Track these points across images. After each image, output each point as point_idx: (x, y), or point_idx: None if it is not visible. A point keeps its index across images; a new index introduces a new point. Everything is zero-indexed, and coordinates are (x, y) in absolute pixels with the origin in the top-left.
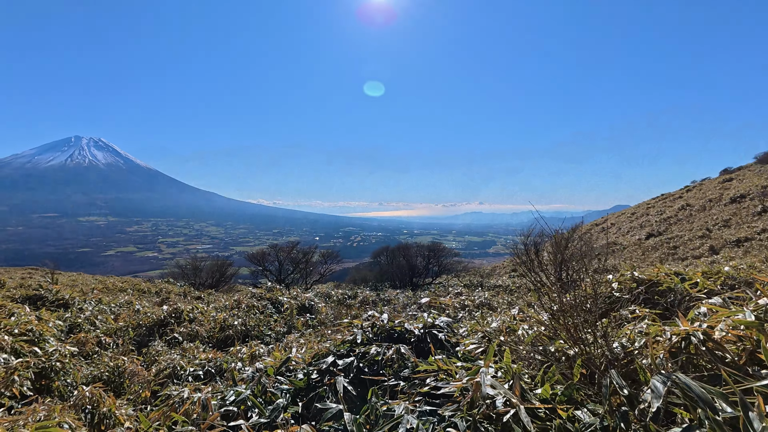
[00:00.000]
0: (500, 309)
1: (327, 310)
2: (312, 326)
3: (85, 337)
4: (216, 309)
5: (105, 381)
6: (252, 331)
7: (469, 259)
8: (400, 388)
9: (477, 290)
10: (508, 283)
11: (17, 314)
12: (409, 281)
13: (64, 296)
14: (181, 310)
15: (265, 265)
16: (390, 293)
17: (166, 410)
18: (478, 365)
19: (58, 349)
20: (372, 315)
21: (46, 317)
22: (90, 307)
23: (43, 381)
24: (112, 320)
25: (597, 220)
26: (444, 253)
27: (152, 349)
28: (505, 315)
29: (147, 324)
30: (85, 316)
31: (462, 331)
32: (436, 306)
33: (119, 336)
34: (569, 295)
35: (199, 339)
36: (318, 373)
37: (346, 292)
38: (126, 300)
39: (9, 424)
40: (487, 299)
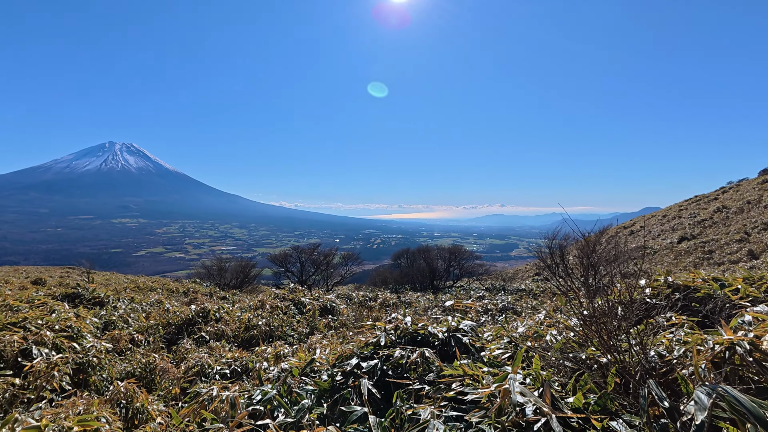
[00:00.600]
0: (525, 314)
1: (348, 311)
2: (334, 328)
3: (119, 334)
4: (241, 309)
5: (138, 377)
6: (276, 332)
7: (490, 263)
8: (425, 393)
9: (499, 294)
10: (532, 287)
11: (57, 311)
12: (430, 284)
13: (99, 295)
14: (208, 310)
15: (287, 267)
16: (411, 296)
17: (196, 407)
18: (506, 371)
19: (95, 345)
20: (395, 318)
21: (83, 314)
22: (123, 305)
23: (81, 375)
24: (143, 318)
25: (625, 223)
26: (465, 256)
27: (181, 347)
28: (531, 320)
29: (176, 323)
30: (118, 314)
31: (486, 336)
32: (459, 309)
33: (150, 334)
34: (599, 300)
35: (225, 338)
36: (342, 374)
37: (366, 294)
38: (156, 299)
39: (52, 416)
40: (511, 303)
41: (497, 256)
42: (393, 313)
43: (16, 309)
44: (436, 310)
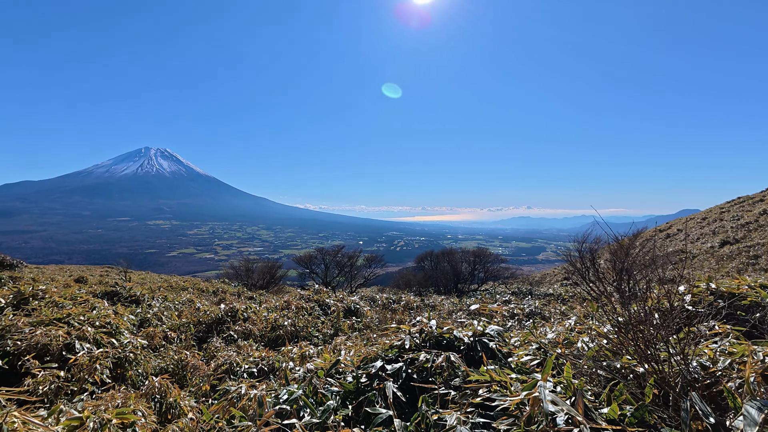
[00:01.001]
0: (553, 319)
1: (372, 313)
2: (358, 329)
3: (153, 332)
4: (267, 309)
5: (170, 373)
6: (301, 332)
7: (516, 266)
8: (451, 398)
9: (526, 298)
10: (560, 291)
11: (98, 308)
12: (454, 287)
13: (135, 293)
14: (236, 310)
15: (311, 268)
16: (434, 299)
17: (225, 404)
18: (535, 378)
19: (132, 341)
20: (420, 321)
21: (121, 312)
22: (157, 303)
23: (119, 370)
24: (176, 316)
25: (660, 226)
26: (490, 259)
27: (211, 345)
28: (560, 326)
29: (206, 321)
30: (153, 312)
31: (514, 341)
32: (485, 313)
33: (182, 332)
34: (635, 306)
35: (252, 337)
36: (367, 377)
37: (390, 297)
38: (188, 298)
39: (93, 408)
40: (538, 308)
41: (523, 259)
42: (417, 316)
43: (60, 305)
44: (460, 313)
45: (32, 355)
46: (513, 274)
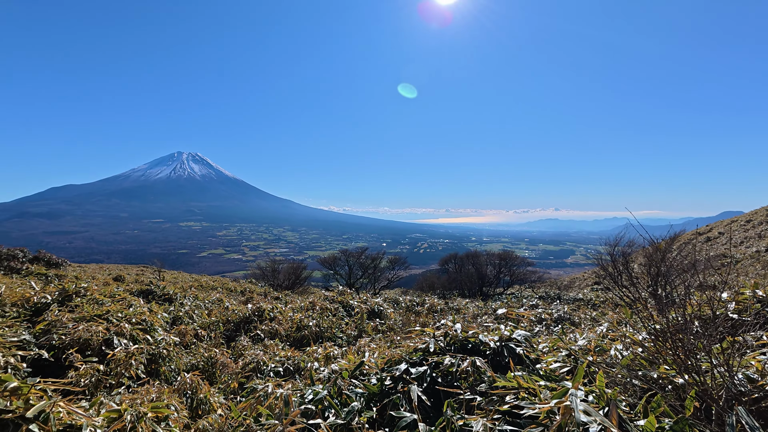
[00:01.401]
0: (584, 325)
1: (395, 316)
2: (382, 331)
3: (185, 329)
4: (293, 309)
5: (201, 370)
6: (325, 333)
7: (543, 269)
8: (477, 404)
9: (554, 303)
10: (591, 296)
11: (134, 306)
12: (479, 290)
13: (168, 292)
14: (263, 309)
15: (335, 269)
16: (459, 302)
17: (253, 402)
18: (565, 386)
19: (165, 338)
20: (444, 324)
21: (155, 309)
22: (189, 302)
23: (153, 365)
24: (206, 315)
25: (700, 229)
26: (516, 262)
27: (239, 343)
28: (591, 332)
29: (234, 320)
30: (185, 311)
31: (542, 347)
32: (511, 318)
33: (212, 330)
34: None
35: (278, 337)
36: (391, 379)
37: (413, 299)
38: (217, 297)
39: (129, 401)
40: (567, 313)
41: (551, 262)
42: (442, 320)
43: (100, 303)
44: (486, 317)
45: (75, 349)
46: (540, 277)
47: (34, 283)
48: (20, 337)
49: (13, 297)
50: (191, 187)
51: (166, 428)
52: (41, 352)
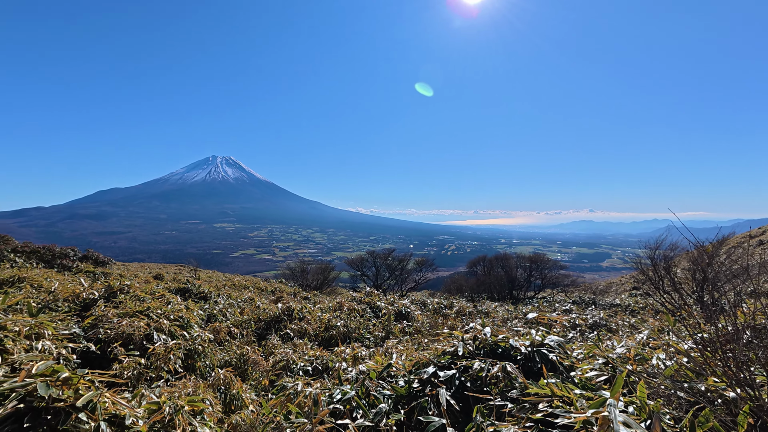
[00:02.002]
0: (621, 332)
1: (423, 318)
2: (409, 333)
3: (218, 326)
4: (321, 309)
5: (234, 366)
6: (353, 333)
7: (577, 273)
8: (508, 410)
9: (589, 308)
10: (629, 302)
11: (172, 303)
12: (509, 294)
13: (203, 290)
14: (293, 309)
15: (363, 271)
16: (488, 305)
17: (283, 400)
18: (603, 396)
19: (200, 335)
20: (473, 327)
21: (191, 307)
22: (222, 300)
23: (189, 361)
24: (238, 313)
25: (752, 231)
26: (548, 265)
27: (269, 342)
28: (630, 340)
29: (265, 319)
30: (218, 309)
31: (576, 354)
32: (543, 323)
33: (244, 328)
34: (723, 321)
35: (307, 336)
36: (419, 382)
37: (441, 302)
38: (249, 296)
39: (168, 394)
40: (603, 319)
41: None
42: (470, 323)
43: (142, 299)
44: (516, 322)
45: (119, 343)
46: (574, 281)
47: (83, 280)
48: (71, 330)
49: (65, 293)
50: (225, 190)
51: (202, 422)
52: (89, 345)
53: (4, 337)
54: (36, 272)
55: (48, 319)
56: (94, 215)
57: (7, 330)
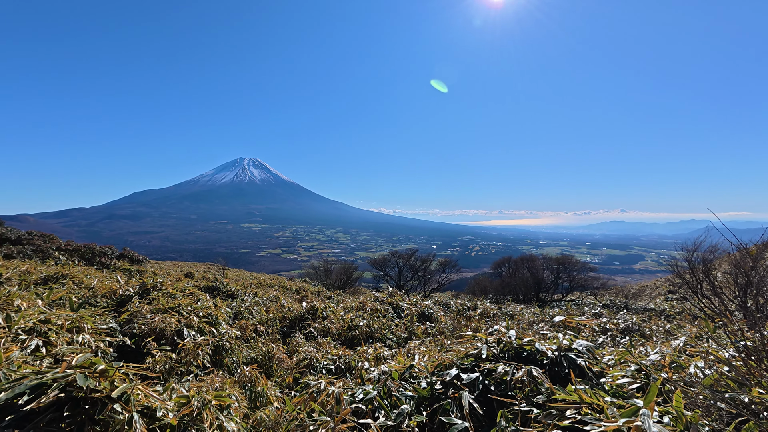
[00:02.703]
0: (656, 338)
1: (446, 319)
2: (432, 335)
3: (245, 324)
4: (344, 309)
5: (259, 363)
6: (375, 333)
7: (608, 276)
8: (534, 416)
9: (621, 312)
10: (664, 306)
11: (201, 300)
12: (535, 296)
13: (231, 289)
14: (316, 308)
15: (386, 271)
16: (513, 308)
17: (306, 398)
18: (635, 404)
19: (228, 331)
20: (497, 330)
21: (219, 304)
22: (249, 299)
23: (217, 357)
24: (264, 311)
25: None
26: (576, 267)
27: (294, 340)
28: (665, 346)
29: (290, 317)
30: (245, 306)
31: (607, 360)
32: (571, 326)
33: (269, 326)
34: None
35: (330, 335)
36: (441, 384)
37: (465, 303)
38: (274, 295)
39: (196, 388)
40: (636, 324)
41: (617, 268)
42: (494, 325)
43: (173, 296)
44: (542, 325)
45: (152, 338)
46: (604, 284)
47: (119, 277)
48: (108, 325)
49: (103, 289)
50: (252, 191)
51: (228, 417)
52: (125, 339)
53: (49, 330)
54: (77, 269)
55: (88, 314)
56: (130, 215)
57: (51, 323)
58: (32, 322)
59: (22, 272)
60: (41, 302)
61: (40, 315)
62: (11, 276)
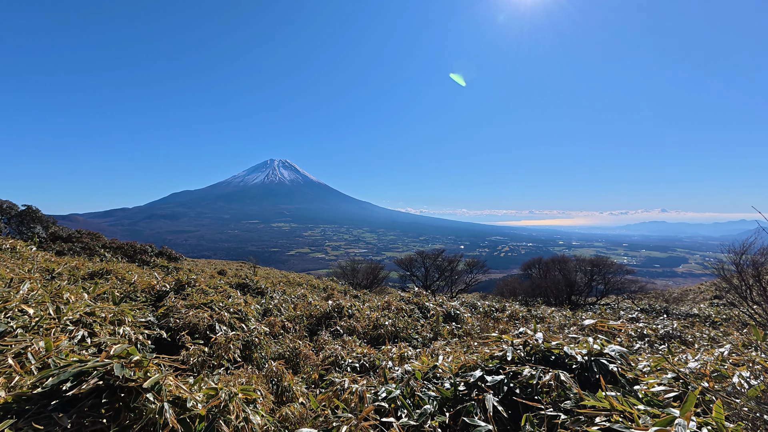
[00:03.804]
0: (698, 345)
1: (473, 321)
2: (458, 336)
3: (274, 321)
4: (370, 308)
5: (286, 359)
6: (401, 333)
7: (647, 279)
8: (561, 422)
9: (661, 318)
10: (710, 312)
11: (232, 297)
12: (567, 299)
13: (261, 286)
14: (342, 306)
15: (412, 271)
16: (543, 310)
17: (330, 395)
18: (671, 414)
19: (257, 328)
20: (524, 332)
21: (249, 301)
22: (277, 296)
23: (246, 351)
24: (292, 309)
25: None
26: (612, 269)
27: (320, 337)
28: (708, 354)
29: (316, 315)
30: (274, 303)
31: (642, 366)
32: (603, 331)
33: (296, 323)
34: None
35: (355, 334)
36: (465, 385)
37: (492, 304)
38: (302, 293)
39: (225, 381)
40: (677, 330)
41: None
42: (521, 327)
43: (206, 293)
44: (574, 328)
45: (186, 332)
46: (642, 287)
47: (157, 273)
48: (147, 319)
49: (142, 284)
50: (281, 191)
51: (254, 410)
52: (161, 333)
53: (93, 322)
54: (120, 266)
55: (128, 308)
56: (168, 215)
57: (96, 316)
58: (79, 314)
59: (72, 268)
60: (87, 296)
61: (86, 308)
62: (62, 271)
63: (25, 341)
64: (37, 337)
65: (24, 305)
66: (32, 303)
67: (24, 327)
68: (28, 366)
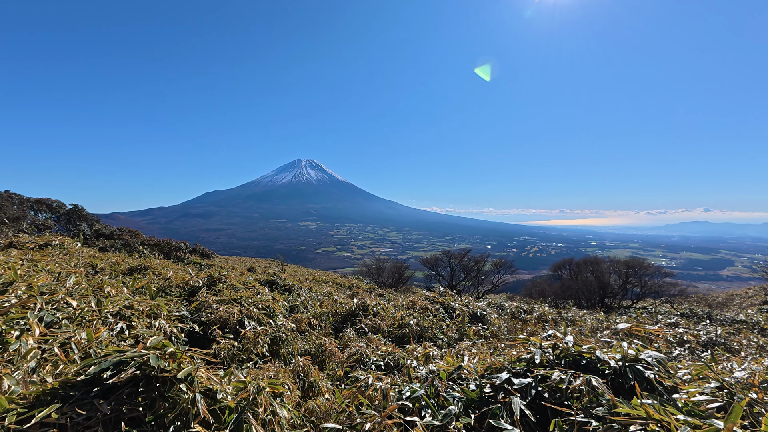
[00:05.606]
0: (745, 353)
1: (500, 322)
2: (484, 337)
3: (300, 317)
4: (395, 307)
5: (312, 355)
6: (425, 332)
7: (688, 282)
8: (592, 428)
9: (703, 323)
10: (758, 318)
11: (261, 293)
12: (600, 301)
13: (288, 283)
14: (367, 305)
15: (437, 270)
16: (574, 313)
17: (355, 391)
18: (715, 425)
19: (284, 324)
20: (553, 335)
21: (277, 298)
22: (304, 293)
23: (274, 347)
24: (318, 306)
25: None
26: (648, 272)
27: (345, 335)
28: (756, 363)
29: (342, 313)
30: (300, 301)
31: (682, 374)
32: (639, 335)
33: (322, 320)
34: None
35: (380, 332)
36: (491, 387)
37: (521, 306)
38: (328, 291)
39: (253, 375)
40: (721, 337)
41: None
42: (550, 330)
43: (236, 289)
44: (607, 332)
45: (217, 326)
46: (682, 291)
47: (191, 269)
48: (180, 313)
49: (177, 280)
50: (308, 191)
51: (281, 404)
52: (194, 326)
53: (131, 315)
54: (157, 262)
55: (163, 302)
56: (201, 214)
57: (134, 309)
58: (118, 307)
59: (113, 263)
60: (126, 290)
61: (125, 301)
62: (104, 266)
63: (69, 332)
64: (80, 328)
65: (69, 298)
66: (76, 296)
67: (69, 318)
68: (72, 355)
